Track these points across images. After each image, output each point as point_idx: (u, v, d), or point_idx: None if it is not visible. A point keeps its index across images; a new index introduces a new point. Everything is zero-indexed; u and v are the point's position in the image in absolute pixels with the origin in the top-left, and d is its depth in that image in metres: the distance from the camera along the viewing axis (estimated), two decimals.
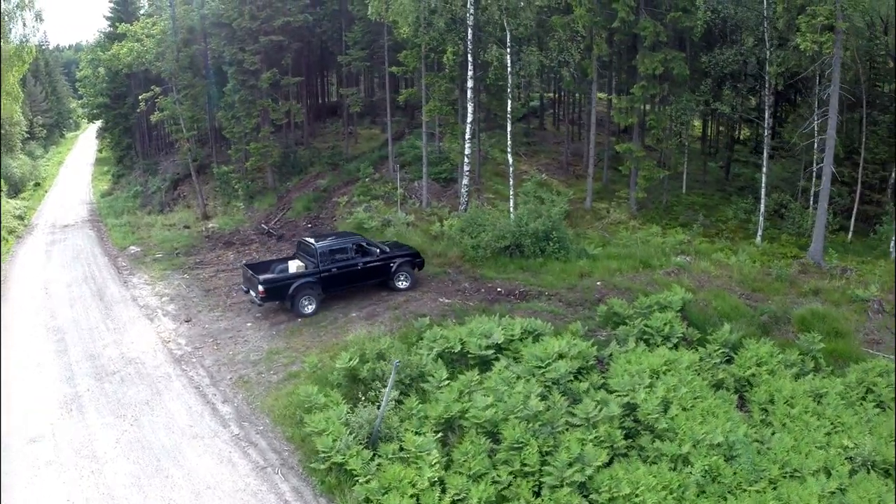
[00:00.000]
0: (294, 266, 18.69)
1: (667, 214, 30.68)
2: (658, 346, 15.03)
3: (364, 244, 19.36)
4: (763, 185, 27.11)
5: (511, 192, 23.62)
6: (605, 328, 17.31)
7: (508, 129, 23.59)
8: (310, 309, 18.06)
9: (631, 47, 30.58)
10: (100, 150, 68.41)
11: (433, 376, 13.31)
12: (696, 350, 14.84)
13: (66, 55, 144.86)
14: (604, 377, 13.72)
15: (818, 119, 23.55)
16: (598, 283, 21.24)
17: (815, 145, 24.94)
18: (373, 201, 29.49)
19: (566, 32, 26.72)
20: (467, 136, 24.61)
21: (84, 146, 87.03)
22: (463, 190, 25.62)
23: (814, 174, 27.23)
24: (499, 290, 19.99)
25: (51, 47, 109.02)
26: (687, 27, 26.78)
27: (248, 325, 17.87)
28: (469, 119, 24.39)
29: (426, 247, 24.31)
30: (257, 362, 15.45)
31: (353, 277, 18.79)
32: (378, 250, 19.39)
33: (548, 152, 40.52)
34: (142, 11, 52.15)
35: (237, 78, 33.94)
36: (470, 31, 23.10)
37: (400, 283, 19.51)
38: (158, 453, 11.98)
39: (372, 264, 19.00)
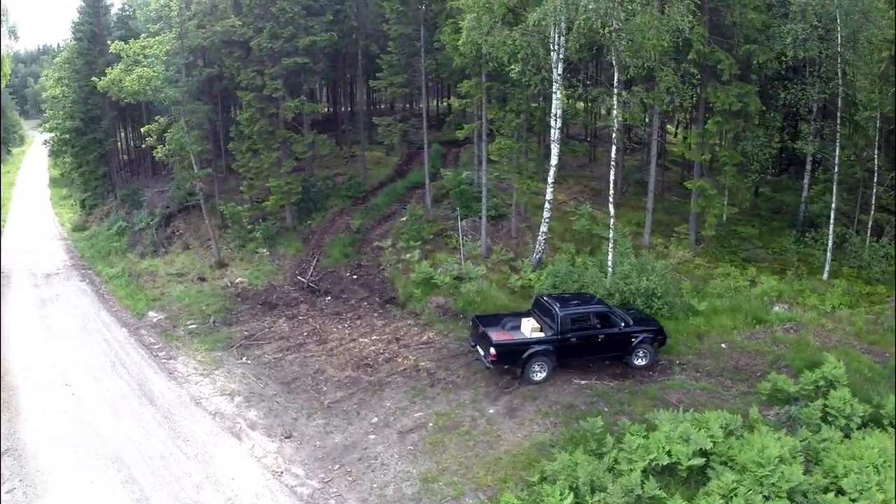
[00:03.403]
0: (528, 327, 17.28)
1: (725, 249, 29.26)
2: (847, 429, 14.24)
3: (609, 314, 17.67)
4: (832, 220, 25.98)
5: (610, 247, 21.48)
6: (770, 407, 15.95)
7: (611, 177, 21.48)
8: (540, 376, 16.85)
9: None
10: (61, 173, 61.80)
11: None
12: (885, 430, 14.05)
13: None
14: (825, 476, 12.41)
15: None
16: (723, 345, 19.63)
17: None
18: (424, 246, 26.77)
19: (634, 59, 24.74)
20: (550, 181, 22.38)
21: (34, 164, 79.95)
22: (541, 238, 23.36)
23: (872, 207, 26.50)
24: (624, 361, 17.97)
25: None
26: (757, 61, 25.34)
27: (371, 436, 14.65)
28: (554, 162, 22.15)
29: (511, 305, 21.99)
30: (418, 499, 12.43)
31: (591, 349, 17.41)
32: (623, 323, 17.67)
33: (575, 178, 38.43)
34: (112, 23, 47.28)
35: (255, 106, 30.43)
36: (561, 65, 20.87)
37: (638, 360, 17.90)
38: None
39: (613, 337, 17.42)
